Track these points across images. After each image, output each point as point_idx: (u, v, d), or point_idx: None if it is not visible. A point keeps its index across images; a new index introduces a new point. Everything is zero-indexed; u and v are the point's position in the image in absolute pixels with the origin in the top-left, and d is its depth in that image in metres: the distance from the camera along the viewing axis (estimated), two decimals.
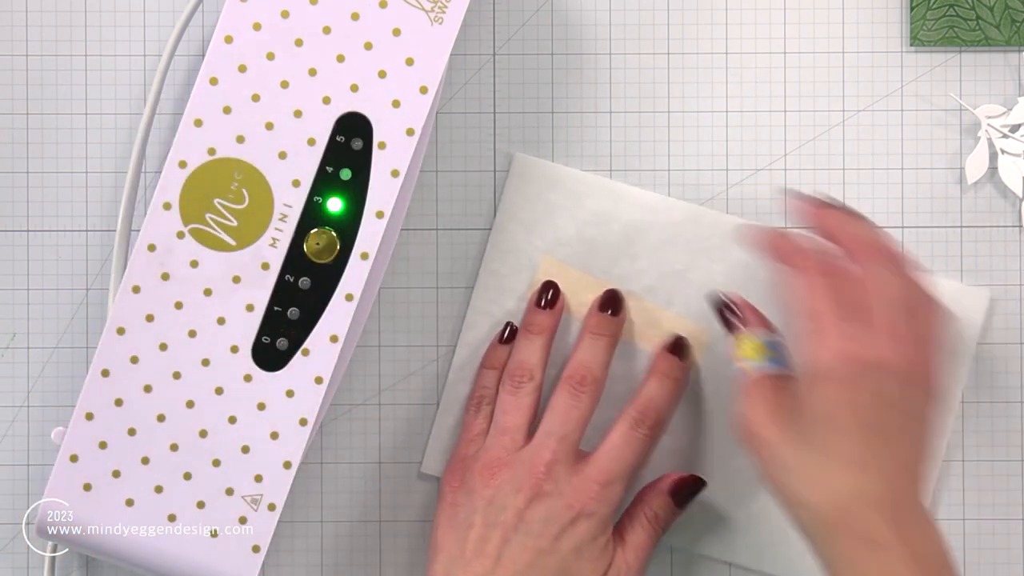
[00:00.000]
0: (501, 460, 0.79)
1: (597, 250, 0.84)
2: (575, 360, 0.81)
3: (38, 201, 0.85)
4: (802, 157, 0.85)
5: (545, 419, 0.79)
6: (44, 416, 0.85)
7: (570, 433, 0.79)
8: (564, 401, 0.79)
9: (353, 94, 0.77)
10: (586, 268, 0.84)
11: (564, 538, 0.77)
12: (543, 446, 0.78)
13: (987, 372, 0.86)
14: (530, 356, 0.81)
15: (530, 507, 0.78)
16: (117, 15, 0.85)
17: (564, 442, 0.79)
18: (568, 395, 0.79)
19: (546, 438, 0.79)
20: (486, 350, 0.83)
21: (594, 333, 0.81)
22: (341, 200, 0.78)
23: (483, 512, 0.78)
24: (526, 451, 0.79)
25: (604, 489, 0.78)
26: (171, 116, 0.84)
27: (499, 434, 0.80)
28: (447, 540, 0.79)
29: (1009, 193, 0.86)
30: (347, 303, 0.78)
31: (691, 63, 0.85)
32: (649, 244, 0.83)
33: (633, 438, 0.79)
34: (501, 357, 0.82)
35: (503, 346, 0.83)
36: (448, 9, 0.77)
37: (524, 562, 0.77)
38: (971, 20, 0.85)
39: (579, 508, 0.78)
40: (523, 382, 0.80)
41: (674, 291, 0.83)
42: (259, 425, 0.78)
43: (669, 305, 0.83)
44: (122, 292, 0.77)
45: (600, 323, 0.82)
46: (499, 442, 0.79)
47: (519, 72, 0.85)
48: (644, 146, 0.85)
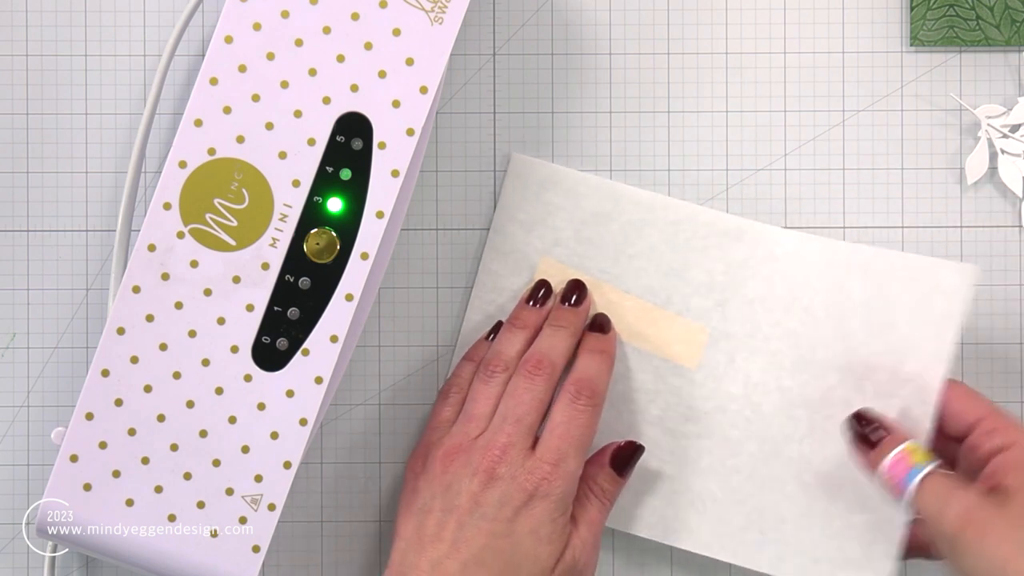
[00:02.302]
0: (461, 446, 0.79)
1: (595, 250, 0.84)
2: (533, 347, 0.81)
3: (38, 201, 0.85)
4: (802, 157, 0.85)
5: (501, 404, 0.80)
6: (44, 416, 0.85)
7: (524, 416, 0.79)
8: (519, 385, 0.80)
9: (353, 94, 0.77)
10: (584, 268, 0.84)
11: (519, 520, 0.78)
12: (498, 430, 0.79)
13: (987, 372, 0.86)
14: (508, 348, 0.81)
15: (484, 490, 0.78)
16: (117, 15, 0.85)
17: (519, 425, 0.79)
18: (523, 379, 0.80)
19: (502, 422, 0.79)
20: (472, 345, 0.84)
21: (553, 324, 0.82)
22: (341, 200, 0.78)
23: (441, 497, 0.78)
24: (483, 436, 0.79)
25: (555, 468, 0.78)
26: (171, 116, 0.84)
27: (465, 421, 0.80)
28: (406, 526, 0.79)
29: (1009, 193, 0.86)
30: (347, 303, 0.78)
31: (691, 63, 0.85)
32: (647, 244, 0.84)
33: (574, 412, 0.79)
34: (482, 352, 0.83)
35: (487, 342, 0.83)
36: (448, 9, 0.77)
37: (478, 545, 0.77)
38: (971, 20, 0.85)
39: (532, 489, 0.78)
40: (496, 372, 0.81)
41: (673, 290, 0.83)
42: (259, 425, 0.78)
43: (668, 304, 0.83)
44: (122, 292, 0.77)
45: (560, 314, 0.82)
46: (463, 429, 0.80)
47: (519, 72, 0.85)
48: (644, 146, 0.85)
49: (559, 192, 0.84)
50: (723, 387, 0.83)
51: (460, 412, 0.81)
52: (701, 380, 0.83)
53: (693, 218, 0.83)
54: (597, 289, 0.83)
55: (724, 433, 0.83)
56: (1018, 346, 0.86)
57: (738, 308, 0.83)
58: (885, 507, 0.82)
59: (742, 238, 0.83)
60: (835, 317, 0.82)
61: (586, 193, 0.84)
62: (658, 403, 0.83)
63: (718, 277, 0.83)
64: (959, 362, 0.86)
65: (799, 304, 0.83)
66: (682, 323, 0.84)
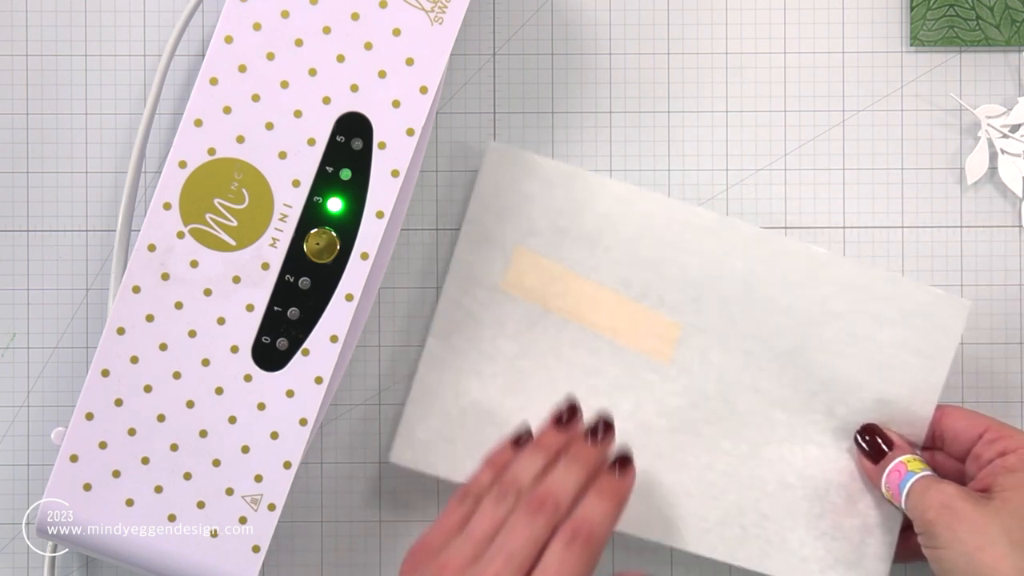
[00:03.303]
0: (453, 568, 0.75)
1: (570, 241, 0.83)
2: (544, 480, 0.77)
3: (38, 201, 0.85)
4: (802, 157, 0.85)
5: (500, 534, 0.75)
6: (44, 416, 0.85)
7: (517, 552, 0.74)
8: (519, 520, 0.75)
9: (353, 94, 0.77)
10: (559, 259, 0.83)
11: None
12: (489, 563, 0.74)
13: (987, 372, 0.86)
14: (525, 473, 0.77)
15: None
16: (117, 15, 0.85)
17: (510, 562, 0.74)
18: (524, 514, 0.75)
19: (495, 553, 0.75)
20: (498, 444, 0.80)
21: (570, 457, 0.77)
22: (341, 200, 0.78)
23: None
24: (474, 567, 0.75)
25: None
26: (171, 116, 0.84)
27: (465, 539, 0.76)
28: None
29: (1009, 193, 0.86)
30: (347, 303, 0.78)
31: (691, 63, 0.85)
32: (623, 236, 0.83)
33: (567, 556, 0.74)
34: (506, 459, 0.79)
35: (512, 448, 0.79)
36: (448, 9, 0.77)
37: None
38: (971, 20, 0.85)
39: None
40: (508, 495, 0.76)
41: (647, 284, 0.83)
42: (259, 425, 0.78)
43: (642, 298, 0.83)
44: (122, 292, 0.77)
45: (579, 449, 0.78)
46: (460, 549, 0.75)
47: (519, 72, 0.85)
48: (644, 146, 0.85)
49: (535, 182, 0.83)
50: (696, 383, 0.83)
51: (466, 522, 0.77)
52: (674, 376, 0.83)
53: (669, 212, 0.83)
54: (571, 281, 0.83)
55: (697, 430, 0.83)
56: (1018, 346, 0.86)
57: (714, 305, 0.82)
58: (876, 511, 0.82)
59: (719, 234, 0.82)
60: (814, 324, 0.82)
61: (562, 183, 0.83)
62: (630, 398, 0.83)
63: (693, 272, 0.83)
64: (959, 362, 0.86)
65: (776, 306, 0.82)
66: (656, 317, 0.83)
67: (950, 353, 0.82)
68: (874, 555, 0.82)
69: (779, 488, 0.82)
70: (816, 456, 0.82)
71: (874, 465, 0.81)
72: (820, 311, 0.82)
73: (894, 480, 0.80)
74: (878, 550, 0.82)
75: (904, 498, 0.79)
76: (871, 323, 0.82)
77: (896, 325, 0.82)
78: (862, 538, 0.82)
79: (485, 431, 0.82)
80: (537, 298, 0.83)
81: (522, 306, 0.83)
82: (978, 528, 0.76)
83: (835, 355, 0.82)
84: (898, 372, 0.82)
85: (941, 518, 0.77)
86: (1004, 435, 0.79)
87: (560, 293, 0.83)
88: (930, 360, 0.82)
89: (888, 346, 0.82)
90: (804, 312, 0.82)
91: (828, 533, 0.82)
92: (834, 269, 0.82)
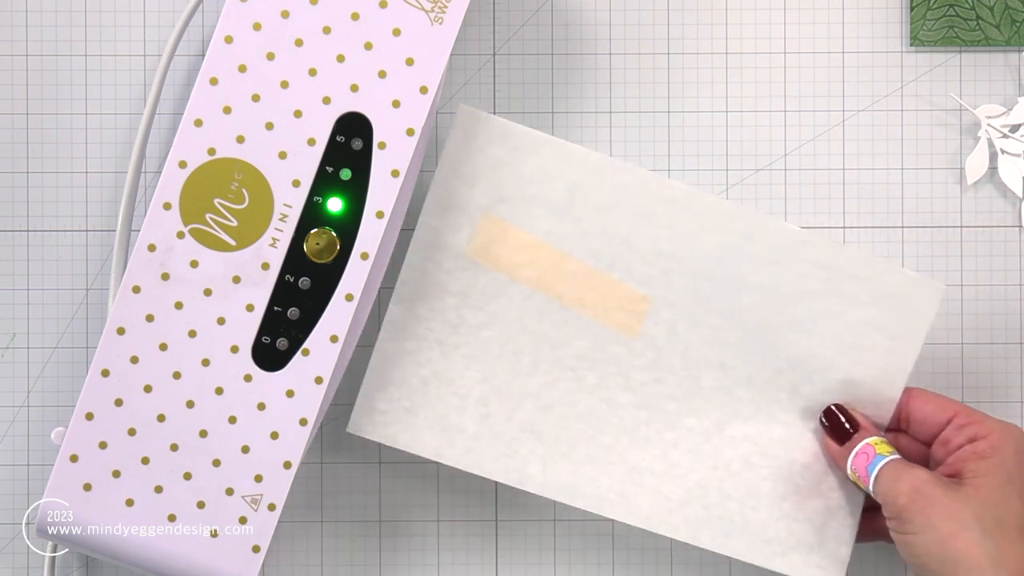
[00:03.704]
0: None
1: (540, 209, 0.81)
2: None
3: (38, 201, 0.85)
4: (802, 157, 0.85)
5: None
6: (44, 416, 0.85)
7: None
8: None
9: (353, 94, 0.77)
10: (528, 227, 0.81)
11: None
12: None
13: (987, 372, 0.86)
14: None
15: None
16: (117, 15, 0.85)
17: None
18: None
19: None
20: None
21: None
22: (341, 200, 0.78)
23: None
24: None
25: None
26: (171, 116, 0.84)
27: None
28: None
29: (1009, 193, 0.86)
30: (347, 303, 0.78)
31: (691, 63, 0.85)
32: (593, 206, 0.81)
33: None
34: None
35: None
36: (448, 9, 0.77)
37: None
38: (971, 20, 0.85)
39: None
40: None
41: (617, 256, 0.81)
42: (259, 425, 0.78)
43: (611, 270, 0.81)
44: (122, 292, 0.77)
45: None
46: None
47: (519, 72, 0.85)
48: (644, 146, 0.85)
49: (506, 147, 0.81)
50: (663, 358, 0.82)
51: None
52: (640, 350, 0.82)
53: (642, 183, 0.81)
54: (539, 250, 0.81)
55: (662, 405, 0.82)
56: (1018, 346, 0.86)
57: (683, 279, 0.81)
58: (839, 492, 0.81)
59: (691, 207, 0.81)
60: (786, 302, 0.81)
61: (534, 150, 0.81)
62: (596, 371, 0.82)
63: (664, 246, 0.81)
64: (959, 362, 0.86)
65: (747, 282, 0.81)
66: (624, 290, 0.82)
67: (921, 336, 0.81)
68: (836, 537, 0.81)
69: (743, 467, 0.82)
70: (781, 436, 0.82)
71: (839, 446, 0.81)
72: (791, 289, 0.81)
73: (861, 463, 0.79)
74: (840, 532, 0.81)
75: (872, 481, 0.78)
76: (843, 303, 0.81)
77: (868, 306, 0.81)
78: (824, 520, 0.81)
79: (447, 402, 0.81)
80: (503, 267, 0.81)
81: (488, 274, 0.81)
82: (951, 515, 0.76)
83: (804, 334, 0.81)
84: (867, 353, 0.81)
85: (914, 503, 0.76)
86: (974, 421, 0.79)
87: (527, 262, 0.81)
88: (900, 342, 0.81)
89: (858, 326, 0.81)
90: (775, 289, 0.81)
91: (790, 515, 0.81)
92: (808, 247, 0.81)
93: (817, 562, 0.81)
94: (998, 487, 0.77)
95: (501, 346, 0.82)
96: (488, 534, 0.86)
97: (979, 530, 0.76)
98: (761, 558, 0.81)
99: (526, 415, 0.81)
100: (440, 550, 0.86)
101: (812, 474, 0.82)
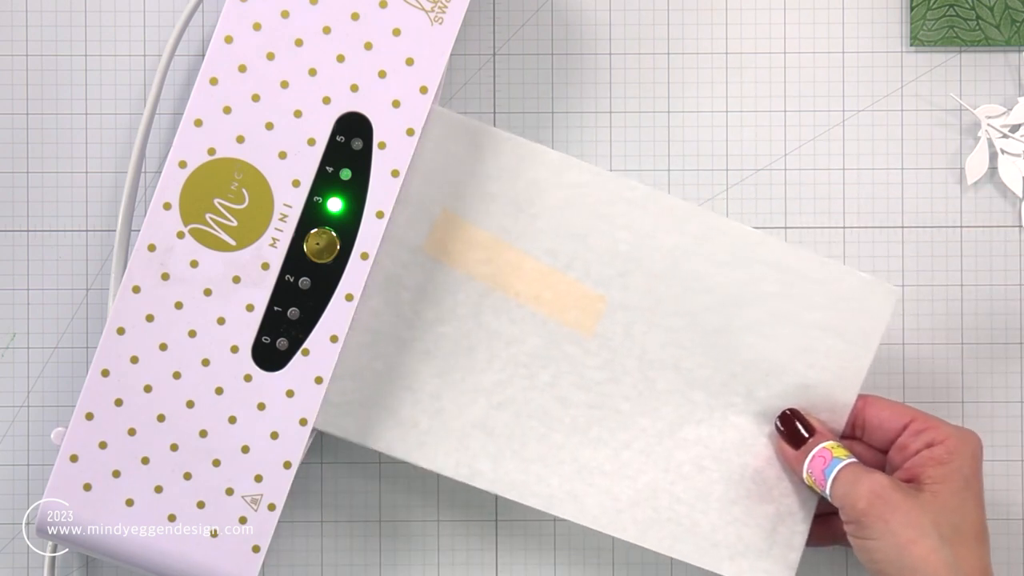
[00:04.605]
0: None
1: (497, 207, 0.81)
2: None
3: (38, 201, 0.85)
4: (802, 157, 0.85)
5: None
6: (44, 416, 0.85)
7: None
8: None
9: (353, 94, 0.77)
10: (485, 225, 0.81)
11: None
12: None
13: (987, 372, 0.86)
14: None
15: None
16: (117, 15, 0.85)
17: None
18: None
19: None
20: None
21: None
22: (341, 200, 0.78)
23: None
24: None
25: None
26: (171, 116, 0.84)
27: None
28: None
29: (1009, 193, 0.86)
30: (347, 303, 0.78)
31: (691, 63, 0.85)
32: (551, 204, 0.81)
33: None
34: None
35: None
36: (448, 9, 0.77)
37: None
38: (971, 20, 0.85)
39: None
40: None
41: (574, 255, 0.81)
42: (259, 425, 0.78)
43: (568, 269, 0.81)
44: (122, 292, 0.77)
45: None
46: None
47: (519, 72, 0.85)
48: (644, 146, 0.85)
49: (463, 144, 0.81)
50: (617, 359, 0.81)
51: None
52: (595, 349, 0.82)
53: (600, 182, 0.81)
54: (495, 247, 0.81)
55: (615, 405, 0.82)
56: (1018, 346, 0.86)
57: (640, 280, 0.81)
58: (791, 498, 0.81)
59: (648, 208, 0.81)
60: (741, 304, 0.81)
61: (491, 147, 0.81)
62: (550, 369, 0.82)
63: (622, 246, 0.81)
64: (960, 362, 0.86)
65: (703, 284, 0.81)
66: (580, 289, 0.81)
67: (875, 339, 0.81)
68: (785, 543, 0.81)
69: (694, 470, 0.81)
70: (734, 439, 0.81)
71: (795, 450, 0.80)
72: (748, 291, 0.81)
73: (818, 466, 0.79)
74: (790, 538, 0.81)
75: (830, 484, 0.78)
76: (799, 306, 0.81)
77: (823, 309, 0.80)
78: (774, 526, 0.81)
79: (400, 396, 0.81)
80: (460, 263, 0.81)
81: (444, 270, 0.81)
82: (910, 521, 0.76)
83: (760, 337, 0.81)
84: (822, 357, 0.81)
85: (873, 508, 0.76)
86: (930, 426, 0.79)
87: (484, 259, 0.81)
88: (854, 346, 0.81)
89: (814, 329, 0.81)
90: (731, 291, 0.81)
91: (740, 519, 0.81)
92: (764, 249, 0.81)
93: (766, 567, 0.81)
94: (955, 493, 0.77)
95: (456, 342, 0.81)
96: (488, 534, 0.86)
97: (937, 537, 0.76)
98: (709, 562, 0.81)
99: (479, 411, 0.81)
100: (440, 550, 0.86)
101: (764, 479, 0.81)
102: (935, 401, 0.85)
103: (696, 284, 0.81)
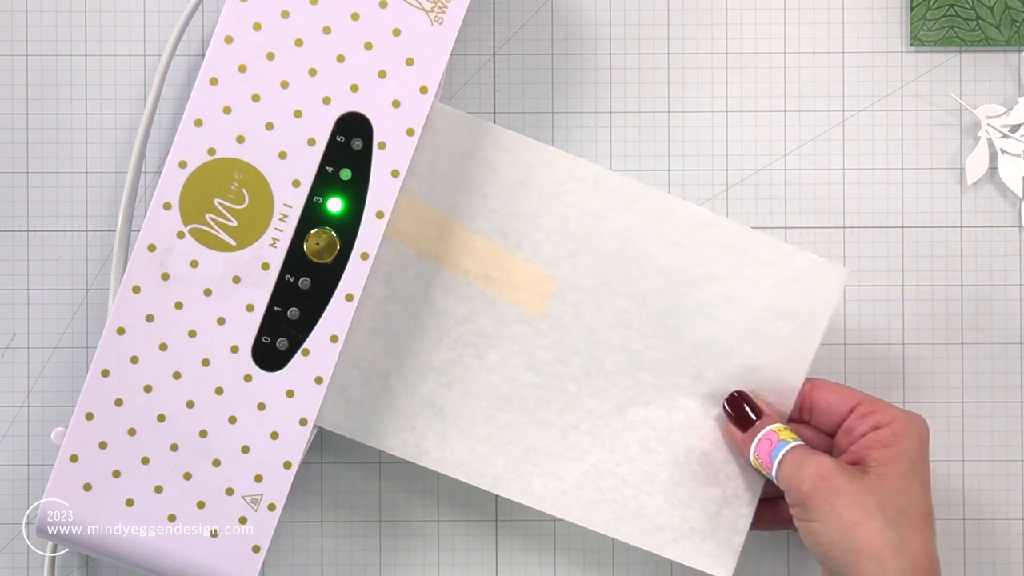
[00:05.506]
0: None
1: (448, 185, 0.81)
2: None
3: (38, 201, 0.85)
4: (802, 157, 0.85)
5: None
6: (44, 416, 0.85)
7: None
8: None
9: (353, 94, 0.77)
10: (435, 202, 0.81)
11: None
12: None
13: (987, 372, 0.86)
14: None
15: None
16: (117, 15, 0.85)
17: None
18: None
19: None
20: None
21: None
22: (341, 200, 0.78)
23: None
24: None
25: None
26: (171, 116, 0.84)
27: None
28: None
29: (1009, 193, 0.86)
30: (347, 303, 0.78)
31: (691, 63, 0.85)
32: (501, 184, 0.81)
33: None
34: None
35: None
36: (448, 9, 0.77)
37: None
38: (971, 20, 0.85)
39: None
40: None
41: (524, 234, 0.81)
42: (259, 425, 0.78)
43: (517, 249, 0.81)
44: (122, 292, 0.77)
45: None
46: None
47: (519, 72, 0.85)
48: (644, 146, 0.85)
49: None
50: (567, 339, 0.81)
51: None
52: (544, 330, 0.81)
53: (551, 162, 0.81)
54: (446, 226, 0.81)
55: (563, 386, 0.81)
56: (1018, 346, 0.86)
57: (590, 260, 0.81)
58: (737, 481, 0.81)
59: (599, 188, 0.81)
60: (691, 285, 0.81)
61: (444, 127, 0.81)
62: (499, 349, 0.81)
63: (571, 225, 0.81)
64: (959, 362, 0.86)
65: (653, 264, 0.81)
66: (530, 269, 0.81)
67: (823, 321, 0.80)
68: (730, 526, 0.81)
69: (641, 452, 0.81)
70: (681, 421, 0.81)
71: (742, 433, 0.80)
72: (698, 272, 0.81)
73: (765, 448, 0.79)
74: (735, 521, 0.81)
75: (776, 467, 0.78)
76: (747, 287, 0.80)
77: (772, 290, 0.80)
78: (719, 509, 0.81)
79: (348, 375, 0.81)
80: (410, 242, 0.81)
81: (394, 248, 0.81)
82: (856, 503, 0.76)
83: (709, 318, 0.81)
84: (770, 338, 0.81)
85: (818, 491, 0.76)
86: (877, 409, 0.79)
87: (434, 238, 0.81)
88: (802, 328, 0.80)
89: (762, 311, 0.80)
90: (681, 272, 0.81)
91: (685, 502, 0.81)
92: (714, 230, 0.80)
93: (709, 550, 0.81)
94: (901, 475, 0.77)
95: (405, 320, 0.81)
96: (488, 534, 0.86)
97: (882, 519, 0.76)
98: (653, 544, 0.81)
99: (427, 390, 0.81)
100: (440, 550, 0.86)
101: (710, 462, 0.81)
102: (935, 401, 0.86)
103: (646, 264, 0.81)
